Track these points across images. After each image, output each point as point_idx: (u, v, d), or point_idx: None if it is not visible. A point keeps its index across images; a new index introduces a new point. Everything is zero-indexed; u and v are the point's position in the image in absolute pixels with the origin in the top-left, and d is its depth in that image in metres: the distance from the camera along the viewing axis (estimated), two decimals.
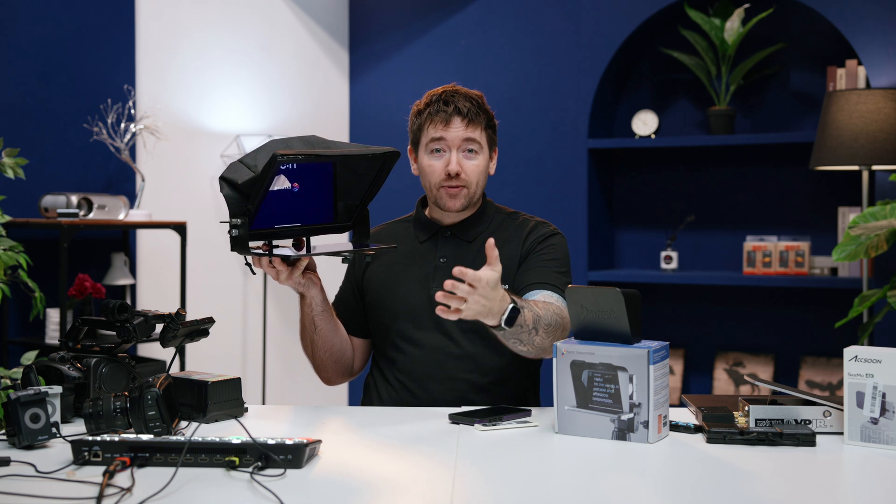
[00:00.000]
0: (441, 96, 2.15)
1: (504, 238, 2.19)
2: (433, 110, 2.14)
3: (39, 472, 1.49)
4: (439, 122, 2.13)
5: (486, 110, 2.18)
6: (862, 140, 3.39)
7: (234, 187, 1.79)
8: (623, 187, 4.47)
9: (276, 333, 4.42)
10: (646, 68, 4.39)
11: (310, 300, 2.08)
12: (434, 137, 2.13)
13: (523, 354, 1.97)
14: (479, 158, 2.15)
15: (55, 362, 1.86)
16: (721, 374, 4.20)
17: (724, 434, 1.68)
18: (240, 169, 1.81)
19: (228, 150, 4.19)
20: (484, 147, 2.16)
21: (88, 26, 3.73)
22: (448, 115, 2.12)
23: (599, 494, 1.43)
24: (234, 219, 1.78)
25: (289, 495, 1.36)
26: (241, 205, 1.79)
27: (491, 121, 2.19)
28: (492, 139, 2.19)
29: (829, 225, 4.01)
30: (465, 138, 2.12)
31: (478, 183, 2.16)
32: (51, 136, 3.60)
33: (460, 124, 2.12)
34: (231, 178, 1.79)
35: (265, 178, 1.75)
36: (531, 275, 2.11)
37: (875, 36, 3.71)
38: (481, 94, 2.20)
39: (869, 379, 1.65)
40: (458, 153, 2.13)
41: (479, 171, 2.15)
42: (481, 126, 2.15)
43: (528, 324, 1.87)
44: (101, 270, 3.69)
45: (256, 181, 1.77)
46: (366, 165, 1.93)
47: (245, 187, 1.79)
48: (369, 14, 4.77)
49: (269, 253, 1.86)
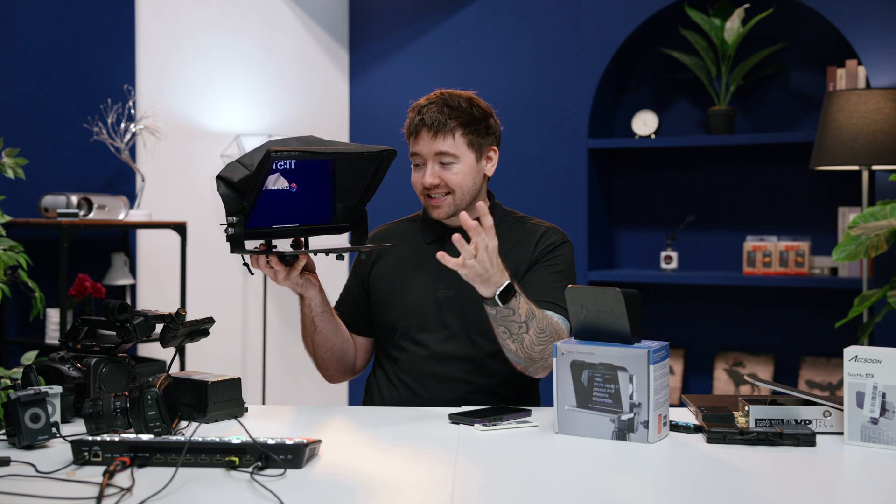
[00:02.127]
0: (417, 106, 2.15)
1: (512, 243, 2.18)
2: (409, 122, 2.15)
3: (39, 472, 1.49)
4: (412, 136, 2.14)
5: (466, 113, 2.11)
6: (862, 140, 3.39)
7: (230, 186, 1.80)
8: (623, 187, 4.47)
9: (276, 333, 4.42)
10: (646, 68, 4.39)
11: (309, 301, 2.08)
12: (412, 151, 2.15)
13: (512, 358, 1.99)
14: (456, 166, 2.11)
15: (55, 362, 1.86)
16: (721, 374, 4.20)
17: (724, 434, 1.68)
18: (236, 168, 1.81)
19: (228, 150, 4.19)
20: (462, 154, 2.11)
21: (88, 26, 3.73)
22: (417, 127, 2.12)
23: (599, 494, 1.43)
24: (230, 217, 1.78)
25: (289, 495, 1.36)
26: (237, 203, 1.79)
27: (473, 123, 2.12)
28: (476, 142, 2.13)
29: (829, 225, 4.01)
30: (437, 152, 2.11)
31: (463, 189, 2.13)
32: (51, 136, 3.60)
33: (427, 136, 2.11)
34: (227, 177, 1.80)
35: (259, 175, 1.75)
36: (534, 289, 2.09)
37: (875, 36, 3.71)
38: (470, 96, 2.16)
39: (869, 379, 1.65)
40: (433, 165, 2.12)
41: (462, 178, 2.12)
42: (452, 134, 2.10)
43: (520, 312, 1.91)
44: (101, 270, 3.69)
45: (251, 179, 1.77)
46: (363, 164, 1.93)
47: (241, 185, 1.79)
48: (369, 14, 4.77)
49: (264, 251, 1.86)
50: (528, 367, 2.00)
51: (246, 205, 1.78)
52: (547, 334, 1.95)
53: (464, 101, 2.14)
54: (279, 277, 1.94)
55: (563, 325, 2.04)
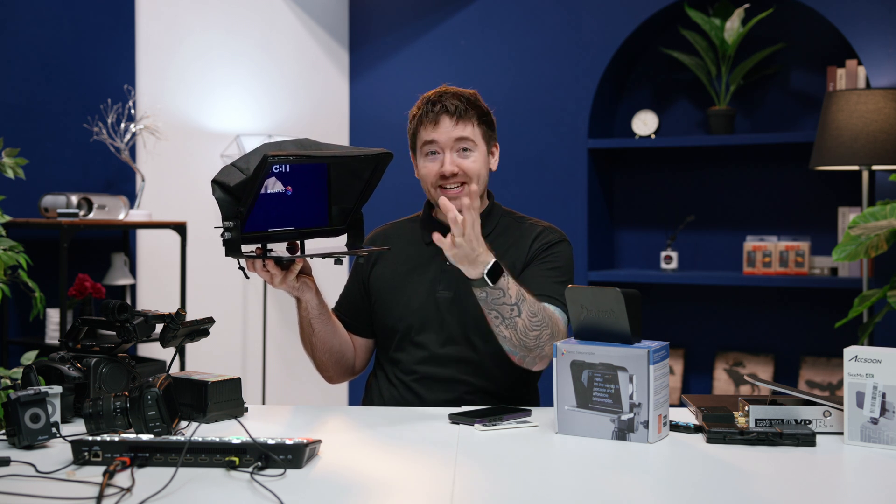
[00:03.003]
0: (430, 98, 2.16)
1: (509, 242, 2.19)
2: (423, 112, 2.15)
3: (39, 472, 1.49)
4: (430, 124, 2.13)
5: (478, 106, 2.16)
6: (862, 140, 3.39)
7: (225, 190, 1.79)
8: (623, 187, 4.47)
9: (276, 333, 4.42)
10: (646, 68, 4.39)
11: (305, 304, 2.07)
12: (426, 140, 2.14)
13: (508, 349, 1.99)
14: (474, 155, 2.14)
15: (55, 362, 1.86)
16: (721, 374, 4.20)
17: (724, 434, 1.68)
18: (232, 172, 1.81)
19: (228, 150, 4.18)
20: (479, 143, 2.15)
21: (88, 26, 3.73)
22: (437, 115, 2.12)
23: (599, 494, 1.43)
24: (227, 222, 1.78)
25: (289, 495, 1.36)
26: (232, 208, 1.79)
27: (485, 115, 2.17)
28: (488, 134, 2.18)
29: (829, 225, 4.01)
30: (457, 137, 2.12)
31: (480, 179, 2.14)
32: (51, 136, 3.60)
33: (449, 123, 2.12)
34: (223, 181, 1.79)
35: (256, 180, 1.75)
36: (531, 284, 2.09)
37: (875, 36, 3.71)
38: (474, 92, 2.19)
39: (869, 379, 1.65)
40: (451, 153, 2.12)
41: (478, 167, 2.14)
42: (472, 122, 2.14)
43: (510, 294, 1.92)
44: (101, 270, 3.69)
45: (248, 183, 1.77)
46: (359, 167, 1.92)
47: (236, 190, 1.78)
48: (369, 14, 4.77)
49: (261, 255, 1.86)
50: (524, 357, 2.00)
51: (242, 209, 1.78)
52: (539, 318, 1.96)
53: (472, 95, 2.18)
54: (275, 281, 1.94)
55: (559, 316, 2.04)
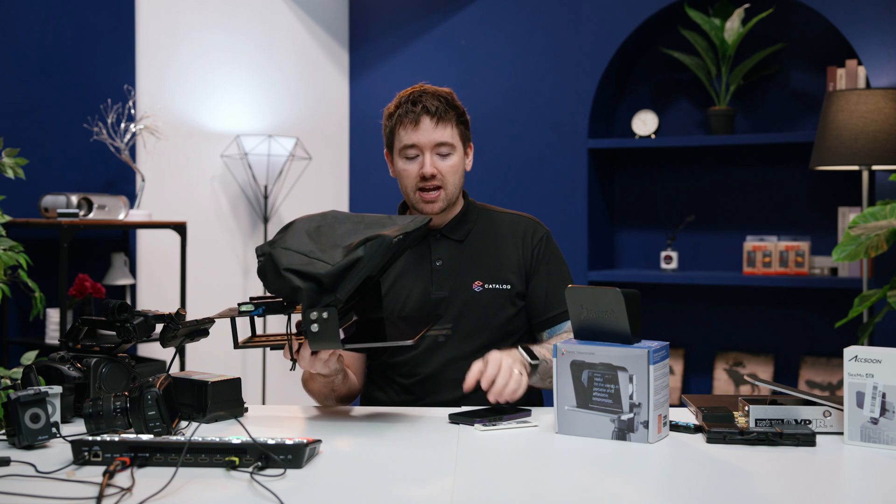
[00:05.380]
0: (409, 97, 2.15)
1: (500, 236, 2.21)
2: (402, 112, 2.13)
3: (39, 472, 1.49)
4: (409, 124, 2.12)
5: (455, 106, 2.16)
6: (862, 140, 3.39)
7: (309, 279, 1.66)
8: (623, 187, 4.47)
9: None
10: (646, 68, 4.39)
11: (332, 377, 1.98)
12: (406, 144, 2.13)
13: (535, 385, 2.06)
14: (453, 158, 2.14)
15: (55, 362, 1.86)
16: (721, 374, 4.20)
17: (724, 434, 1.68)
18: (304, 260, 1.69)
19: (228, 150, 4.19)
20: (457, 145, 2.15)
21: (88, 26, 3.73)
22: (417, 116, 2.11)
23: (599, 494, 1.43)
24: (319, 310, 1.65)
25: (289, 495, 1.36)
26: (325, 296, 1.67)
27: (462, 116, 2.17)
28: (464, 134, 2.18)
29: (829, 225, 4.01)
30: (438, 142, 2.12)
31: (454, 182, 2.15)
32: (51, 136, 3.60)
33: (430, 124, 2.11)
34: (308, 272, 1.66)
35: (368, 268, 1.66)
36: (553, 300, 2.16)
37: (875, 36, 3.71)
38: (450, 91, 2.19)
39: (869, 379, 1.65)
40: (431, 155, 2.12)
41: (455, 170, 2.14)
42: (451, 123, 2.13)
43: (547, 357, 2.01)
44: (101, 270, 3.69)
45: (353, 270, 1.65)
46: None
47: (328, 278, 1.65)
48: (369, 14, 4.77)
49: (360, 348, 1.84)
50: None
51: (341, 296, 1.66)
52: None
53: (447, 94, 2.17)
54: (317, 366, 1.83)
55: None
